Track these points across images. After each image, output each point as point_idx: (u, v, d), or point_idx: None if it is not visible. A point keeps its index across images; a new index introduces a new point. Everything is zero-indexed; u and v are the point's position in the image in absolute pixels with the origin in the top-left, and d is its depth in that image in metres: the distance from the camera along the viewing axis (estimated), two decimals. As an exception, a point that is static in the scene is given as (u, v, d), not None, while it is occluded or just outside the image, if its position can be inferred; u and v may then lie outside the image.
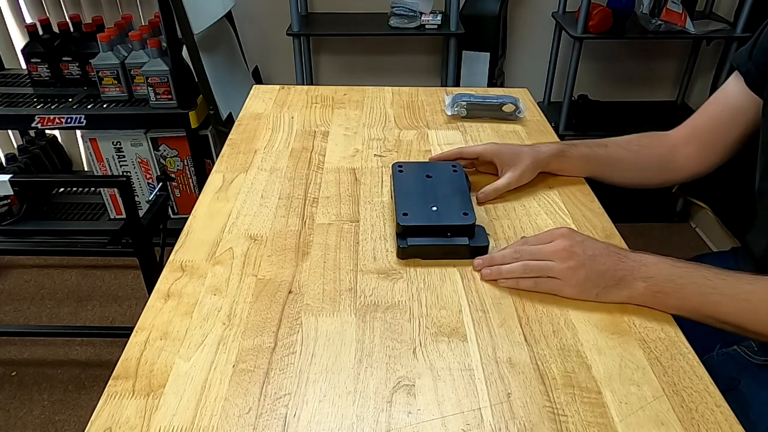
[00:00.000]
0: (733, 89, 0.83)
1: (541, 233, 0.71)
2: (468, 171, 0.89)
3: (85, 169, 2.35)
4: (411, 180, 0.81)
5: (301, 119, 1.08)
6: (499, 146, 0.87)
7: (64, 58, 1.86)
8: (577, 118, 2.08)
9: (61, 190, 2.12)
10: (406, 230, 0.73)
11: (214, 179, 0.90)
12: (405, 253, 0.73)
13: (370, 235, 0.77)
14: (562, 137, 1.95)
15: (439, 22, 1.96)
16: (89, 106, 1.78)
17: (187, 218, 0.80)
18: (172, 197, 2.00)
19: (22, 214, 1.94)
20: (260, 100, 1.16)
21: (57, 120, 1.74)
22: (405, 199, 0.76)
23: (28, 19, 2.09)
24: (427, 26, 1.97)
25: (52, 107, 1.78)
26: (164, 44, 1.69)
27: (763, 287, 0.62)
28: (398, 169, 0.83)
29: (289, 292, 0.68)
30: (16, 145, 2.20)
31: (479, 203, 0.84)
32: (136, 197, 1.67)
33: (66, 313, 1.85)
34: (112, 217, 2.01)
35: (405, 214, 0.73)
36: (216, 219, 0.80)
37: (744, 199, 0.88)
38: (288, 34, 1.98)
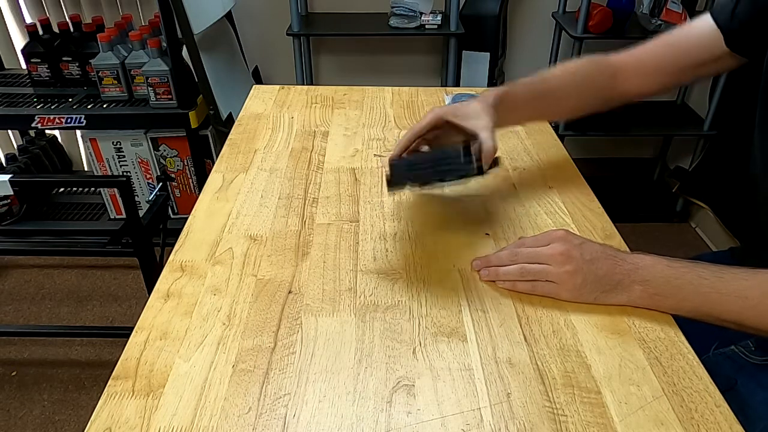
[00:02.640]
0: (700, 30, 0.79)
1: (539, 235, 0.70)
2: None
3: (85, 169, 2.35)
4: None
5: (301, 119, 1.08)
6: (445, 108, 0.75)
7: (64, 58, 1.86)
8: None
9: (61, 190, 2.12)
10: (397, 166, 0.72)
11: (214, 179, 0.90)
12: (395, 182, 0.71)
13: (369, 235, 0.77)
14: (561, 137, 1.94)
15: (439, 22, 1.96)
16: (89, 106, 1.78)
17: (187, 218, 0.80)
18: (172, 197, 2.00)
19: (22, 214, 1.94)
20: (260, 100, 1.16)
21: (57, 120, 1.74)
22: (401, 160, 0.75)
23: (28, 19, 2.09)
24: (427, 26, 1.97)
25: (52, 107, 1.78)
26: (164, 44, 1.69)
27: (761, 283, 0.61)
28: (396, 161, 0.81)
29: (289, 292, 0.68)
30: (16, 145, 2.21)
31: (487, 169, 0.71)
32: (136, 197, 1.67)
33: (66, 313, 1.85)
34: (112, 217, 2.01)
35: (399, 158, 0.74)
36: (216, 219, 0.80)
37: (744, 198, 0.88)
38: (288, 34, 1.98)
